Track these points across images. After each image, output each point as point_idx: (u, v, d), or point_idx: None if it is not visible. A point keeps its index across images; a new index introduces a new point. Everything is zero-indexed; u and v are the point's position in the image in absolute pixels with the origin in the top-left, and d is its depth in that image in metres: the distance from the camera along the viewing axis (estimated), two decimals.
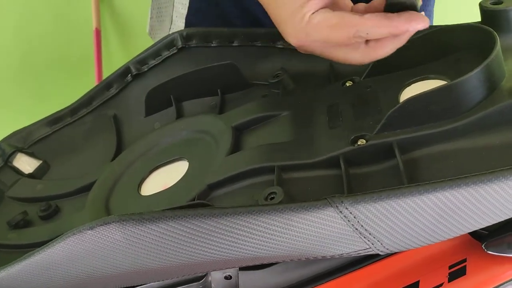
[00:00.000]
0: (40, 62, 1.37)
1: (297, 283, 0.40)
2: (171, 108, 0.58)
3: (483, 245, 0.37)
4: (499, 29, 0.42)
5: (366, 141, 0.39)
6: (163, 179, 0.50)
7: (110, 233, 0.32)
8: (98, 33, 1.33)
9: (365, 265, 0.39)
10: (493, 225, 0.35)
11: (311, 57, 0.55)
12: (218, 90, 0.56)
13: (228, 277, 0.41)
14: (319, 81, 0.53)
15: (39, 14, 1.34)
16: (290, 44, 0.56)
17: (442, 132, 0.38)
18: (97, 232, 0.32)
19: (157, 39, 0.67)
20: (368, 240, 0.33)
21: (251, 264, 0.36)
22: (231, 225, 0.33)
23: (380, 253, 0.35)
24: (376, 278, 0.39)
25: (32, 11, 1.33)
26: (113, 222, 0.32)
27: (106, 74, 1.27)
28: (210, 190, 0.43)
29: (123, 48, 1.39)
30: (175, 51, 0.58)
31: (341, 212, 0.32)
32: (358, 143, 0.40)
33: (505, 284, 0.37)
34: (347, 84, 0.48)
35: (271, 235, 0.33)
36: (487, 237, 0.37)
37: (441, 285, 0.37)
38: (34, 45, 1.37)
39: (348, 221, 0.32)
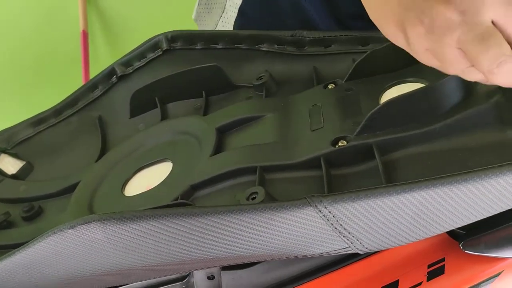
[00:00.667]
0: (26, 64, 1.36)
1: (279, 283, 0.40)
2: (156, 110, 0.58)
3: (461, 244, 0.37)
4: None
5: (347, 143, 0.40)
6: (147, 180, 0.50)
7: (91, 232, 0.32)
8: (85, 35, 1.32)
9: (346, 265, 0.39)
10: (470, 224, 0.36)
11: (294, 60, 0.56)
12: (203, 92, 0.57)
13: (210, 277, 0.41)
14: (302, 84, 0.53)
15: (25, 16, 1.33)
16: (274, 47, 0.57)
17: (420, 133, 0.38)
18: (78, 231, 0.32)
19: (203, 26, 0.67)
20: (348, 239, 0.34)
21: (233, 263, 0.37)
22: (212, 224, 0.33)
23: (360, 252, 0.35)
24: (356, 278, 0.39)
25: (19, 13, 1.32)
26: (94, 221, 0.32)
27: (93, 76, 1.26)
28: (193, 191, 0.43)
29: (111, 50, 1.38)
30: (160, 53, 0.59)
31: (320, 211, 0.32)
32: (339, 144, 0.40)
33: (483, 283, 0.38)
34: (329, 87, 0.49)
35: (252, 234, 0.33)
36: (464, 237, 0.38)
37: (420, 284, 0.38)
38: (21, 47, 1.36)
39: (327, 220, 0.33)
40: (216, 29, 0.66)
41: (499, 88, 0.37)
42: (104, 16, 1.35)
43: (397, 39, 0.33)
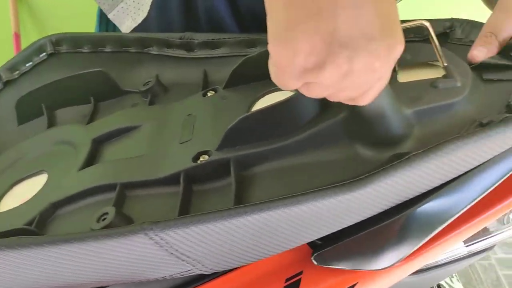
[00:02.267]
0: None
1: None
2: (44, 117, 0.56)
3: (312, 257, 0.37)
4: None
5: (209, 157, 0.39)
6: (24, 193, 0.48)
7: None
8: (17, 37, 1.26)
9: (204, 282, 0.39)
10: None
11: (184, 63, 0.55)
12: (91, 98, 0.55)
13: None
14: (192, 88, 0.52)
15: None
16: (163, 50, 0.55)
17: (277, 148, 0.38)
18: None
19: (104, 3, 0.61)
20: (188, 263, 0.33)
21: None
22: (47, 253, 0.32)
23: (205, 273, 0.35)
24: None
25: None
26: None
27: None
28: (54, 208, 0.41)
29: None
30: (45, 57, 0.56)
31: (151, 238, 0.31)
32: (201, 159, 0.39)
33: None
34: (209, 94, 0.47)
35: (88, 261, 0.32)
36: (318, 248, 0.38)
37: None
38: None
39: (161, 246, 0.32)
40: (124, 2, 0.60)
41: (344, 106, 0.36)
42: (36, 17, 1.28)
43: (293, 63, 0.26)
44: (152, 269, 0.33)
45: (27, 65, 0.57)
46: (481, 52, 0.40)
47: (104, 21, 0.62)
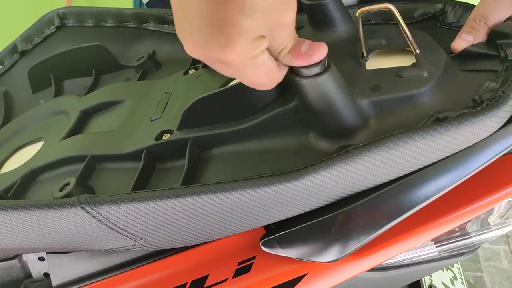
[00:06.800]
0: None
1: (102, 270, 0.41)
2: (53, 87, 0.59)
3: (260, 242, 0.37)
4: (320, 25, 0.40)
5: (171, 136, 0.40)
6: (23, 158, 0.51)
7: None
8: None
9: (164, 257, 0.40)
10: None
11: (179, 40, 0.55)
12: (93, 71, 0.57)
13: (41, 259, 0.43)
14: (186, 66, 0.52)
15: None
16: (159, 26, 0.56)
17: (233, 132, 0.37)
18: None
19: None
20: (129, 238, 0.34)
21: (41, 251, 0.38)
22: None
23: (150, 248, 0.36)
24: (170, 270, 0.40)
25: None
26: None
27: None
28: (35, 174, 0.44)
29: None
30: (54, 30, 0.59)
31: (88, 212, 0.33)
32: (163, 138, 0.40)
33: (288, 283, 0.37)
34: (190, 72, 0.47)
35: (31, 227, 0.34)
36: (270, 233, 0.37)
37: (225, 280, 0.38)
38: None
39: (99, 220, 0.33)
40: None
41: (296, 94, 0.34)
42: None
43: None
44: (95, 241, 0.35)
45: (40, 36, 0.60)
46: (464, 41, 0.36)
47: None
